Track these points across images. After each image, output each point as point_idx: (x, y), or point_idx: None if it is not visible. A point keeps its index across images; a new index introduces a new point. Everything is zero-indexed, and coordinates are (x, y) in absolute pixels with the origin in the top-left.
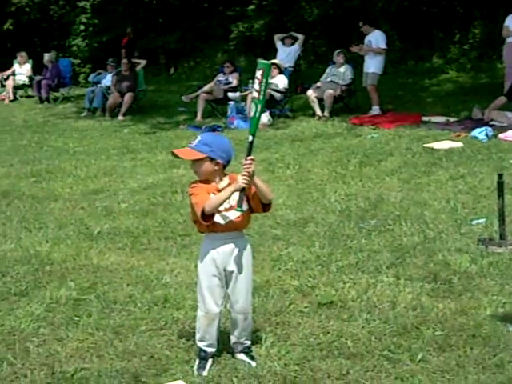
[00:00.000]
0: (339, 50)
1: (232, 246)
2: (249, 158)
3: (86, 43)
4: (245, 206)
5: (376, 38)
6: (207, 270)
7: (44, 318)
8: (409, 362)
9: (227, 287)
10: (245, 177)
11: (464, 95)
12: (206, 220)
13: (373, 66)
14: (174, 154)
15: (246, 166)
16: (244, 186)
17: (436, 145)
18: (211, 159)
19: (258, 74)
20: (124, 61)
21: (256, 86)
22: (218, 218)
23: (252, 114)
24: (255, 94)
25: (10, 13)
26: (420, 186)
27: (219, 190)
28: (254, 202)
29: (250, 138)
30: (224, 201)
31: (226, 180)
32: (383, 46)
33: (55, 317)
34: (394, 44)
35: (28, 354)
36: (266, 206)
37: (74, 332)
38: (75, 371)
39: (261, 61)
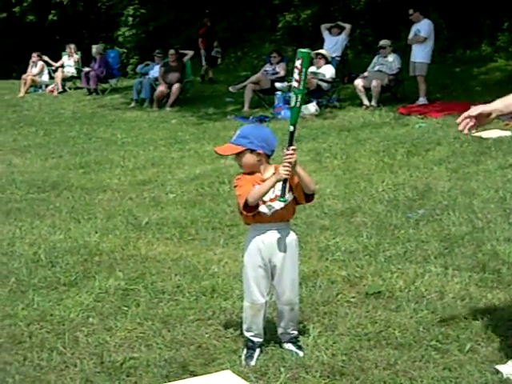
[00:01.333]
0: (384, 44)
1: (278, 236)
2: (291, 148)
3: (133, 33)
4: (289, 196)
5: (424, 27)
6: (253, 260)
7: (93, 308)
8: (457, 353)
9: (272, 278)
10: (286, 167)
11: None
12: (248, 211)
13: (419, 55)
14: (216, 152)
15: (287, 157)
16: (285, 176)
17: (485, 134)
18: (251, 151)
19: (298, 63)
20: (171, 51)
21: (295, 76)
22: (263, 208)
23: (292, 104)
24: (295, 84)
25: (55, 4)
26: (468, 175)
27: (264, 180)
28: (297, 192)
29: (291, 128)
30: (266, 191)
31: (271, 170)
32: (425, 34)
33: (104, 307)
34: (443, 32)
35: (77, 344)
36: (309, 197)
37: (122, 322)
38: (124, 360)
39: (300, 49)
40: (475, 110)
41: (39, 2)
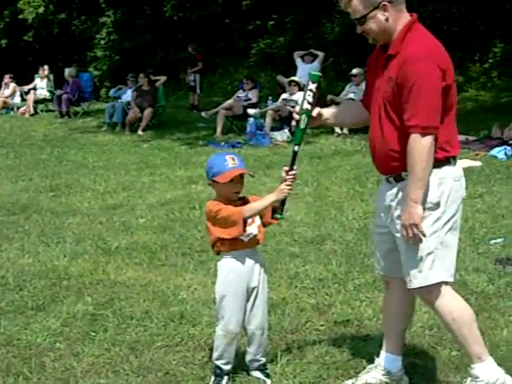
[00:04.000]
0: (356, 73)
1: (253, 261)
2: (294, 167)
3: (107, 55)
4: (279, 215)
5: None
6: (230, 288)
7: (60, 333)
8: (424, 382)
9: (247, 303)
10: (289, 187)
11: (484, 114)
12: (243, 229)
13: None
14: None
15: (290, 177)
16: (287, 195)
17: None
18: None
19: (313, 86)
20: (141, 75)
21: (310, 99)
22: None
23: (303, 125)
24: (308, 106)
25: (28, 26)
26: None
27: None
28: (267, 213)
29: (296, 147)
30: (265, 208)
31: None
32: None
33: (71, 332)
34: None
35: (44, 369)
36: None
37: (89, 347)
38: None
39: (314, 73)
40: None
41: (12, 25)
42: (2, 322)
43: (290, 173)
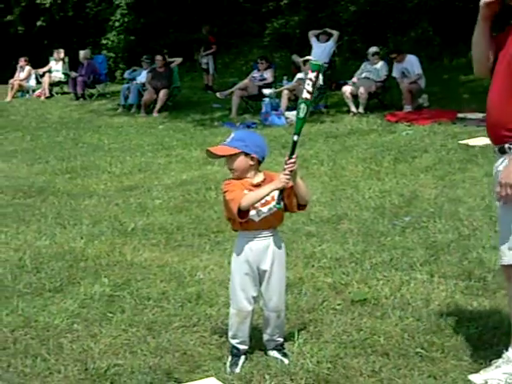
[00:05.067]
0: (374, 51)
1: (265, 243)
2: (293, 156)
3: (121, 38)
4: (277, 204)
5: (411, 64)
6: (240, 267)
7: (78, 314)
8: (442, 360)
9: (260, 285)
10: (287, 176)
11: None
12: (241, 217)
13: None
14: (208, 153)
15: (288, 165)
16: (285, 185)
17: (471, 141)
18: (246, 154)
19: (312, 75)
20: (158, 57)
21: (309, 88)
22: (252, 214)
23: (302, 114)
24: (307, 96)
25: (43, 10)
26: (455, 182)
27: (254, 185)
28: (289, 200)
29: (295, 137)
30: (262, 198)
31: (260, 176)
32: (419, 70)
33: (89, 313)
34: (431, 40)
35: (62, 350)
36: (301, 206)
37: (107, 328)
38: (108, 367)
39: (314, 62)
40: None
41: (27, 11)
42: (19, 304)
43: (289, 162)
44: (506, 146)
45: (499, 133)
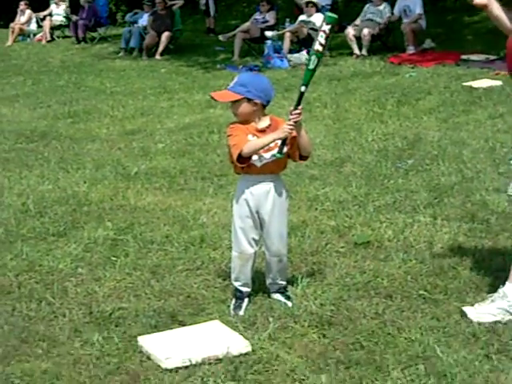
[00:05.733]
0: None
1: (266, 188)
2: (299, 107)
3: None
4: (278, 154)
5: (414, 3)
6: (240, 210)
7: (82, 258)
8: (445, 302)
9: (262, 229)
10: (291, 126)
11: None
12: (241, 162)
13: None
14: (212, 97)
15: (293, 116)
16: (288, 135)
17: (475, 83)
18: (248, 100)
19: (326, 28)
20: (159, 0)
21: (322, 40)
22: (254, 159)
23: (312, 66)
24: (319, 48)
25: None
26: (458, 125)
27: (259, 131)
28: (292, 150)
29: (303, 88)
30: (264, 146)
31: (266, 120)
32: (421, 10)
33: (93, 257)
34: None
35: (66, 294)
36: (302, 157)
37: (111, 272)
38: (113, 311)
39: (330, 14)
40: None
41: None
42: (23, 249)
43: (294, 112)
44: None
45: None
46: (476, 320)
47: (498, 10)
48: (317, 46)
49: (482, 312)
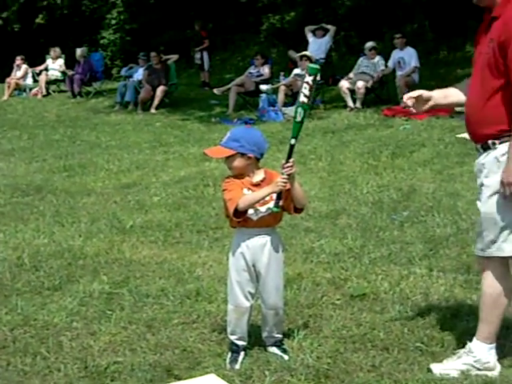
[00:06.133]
0: (371, 46)
1: (262, 241)
2: (290, 160)
3: (117, 36)
4: (275, 208)
5: (409, 55)
6: (237, 264)
7: (77, 312)
8: (442, 355)
9: (258, 282)
10: (284, 180)
11: None
12: (237, 216)
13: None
14: (206, 154)
15: (286, 169)
16: (282, 188)
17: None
18: (242, 154)
19: (309, 79)
20: (153, 54)
21: (306, 92)
22: (250, 213)
23: (299, 118)
24: (304, 99)
25: (41, 7)
26: (453, 176)
27: (254, 185)
28: (287, 203)
29: (293, 141)
30: (259, 200)
31: (260, 174)
32: (417, 63)
33: (88, 311)
34: (427, 34)
35: (61, 348)
36: (297, 209)
37: (106, 326)
38: (108, 365)
39: (312, 66)
40: (416, 92)
41: (24, 8)
42: (18, 303)
43: (286, 165)
44: (490, 141)
45: (481, 132)
46: (439, 375)
47: (445, 99)
48: (302, 98)
49: (448, 368)
